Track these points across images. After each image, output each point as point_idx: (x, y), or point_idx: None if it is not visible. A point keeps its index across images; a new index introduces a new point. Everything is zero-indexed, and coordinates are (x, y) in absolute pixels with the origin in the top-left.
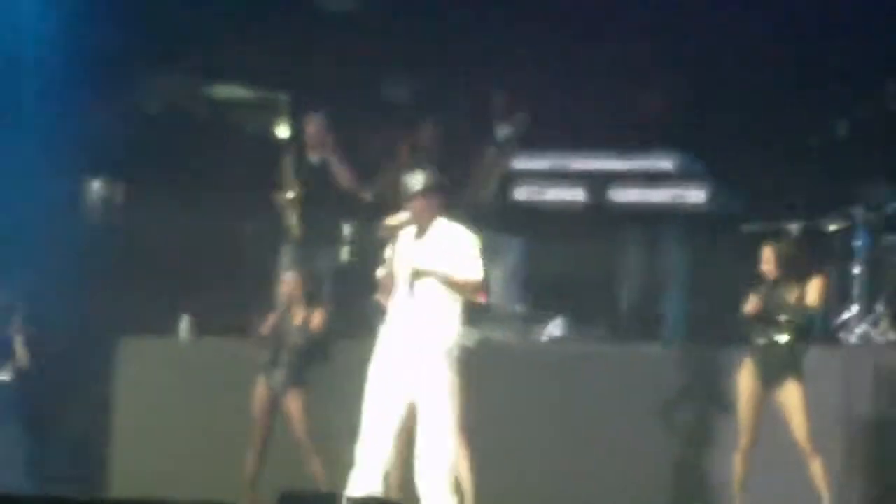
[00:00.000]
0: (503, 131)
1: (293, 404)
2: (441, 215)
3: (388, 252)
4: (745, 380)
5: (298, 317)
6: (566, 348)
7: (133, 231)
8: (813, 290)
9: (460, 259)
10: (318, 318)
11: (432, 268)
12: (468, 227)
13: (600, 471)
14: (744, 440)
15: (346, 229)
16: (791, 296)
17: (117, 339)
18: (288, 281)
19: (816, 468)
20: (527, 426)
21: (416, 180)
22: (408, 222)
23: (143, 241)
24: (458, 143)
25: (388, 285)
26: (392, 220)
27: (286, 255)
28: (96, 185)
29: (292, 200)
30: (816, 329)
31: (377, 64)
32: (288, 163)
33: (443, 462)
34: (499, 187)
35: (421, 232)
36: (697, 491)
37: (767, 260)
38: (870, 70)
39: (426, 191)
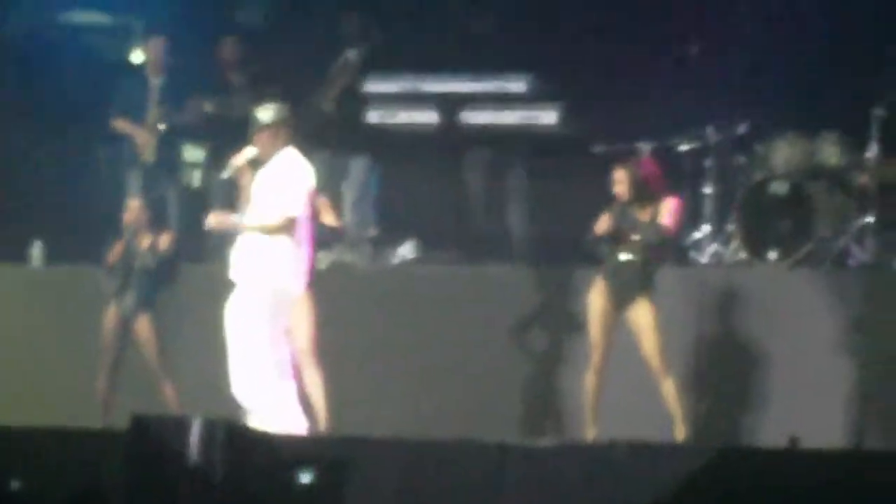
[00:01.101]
0: (351, 52)
1: (143, 328)
2: (288, 146)
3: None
4: (596, 299)
5: (145, 242)
6: (417, 270)
7: None
8: (665, 210)
9: (277, 195)
10: (164, 242)
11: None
12: (316, 150)
13: (453, 393)
14: (595, 359)
15: (193, 152)
16: (643, 215)
17: None
18: (133, 207)
19: (668, 388)
20: (379, 350)
21: (263, 113)
22: (254, 156)
23: None
24: (310, 66)
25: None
26: (238, 156)
27: (133, 180)
28: None
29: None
30: (668, 249)
31: None
32: (135, 86)
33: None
34: (349, 109)
35: (264, 164)
36: (550, 411)
37: (620, 181)
38: None
39: (273, 124)
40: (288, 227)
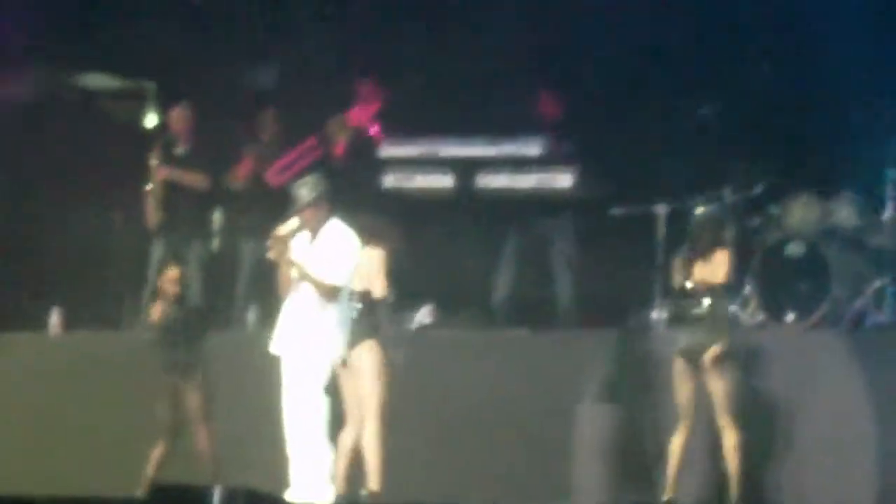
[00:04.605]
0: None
1: (193, 395)
2: (331, 217)
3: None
4: (679, 361)
5: (175, 308)
6: (436, 335)
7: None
8: (720, 266)
9: (328, 264)
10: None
11: (305, 273)
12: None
13: (475, 459)
14: (685, 425)
15: (215, 218)
16: (703, 272)
17: None
18: (172, 273)
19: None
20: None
21: (304, 191)
22: (299, 229)
23: (10, 232)
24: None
25: (286, 287)
26: (282, 228)
27: (159, 245)
28: None
29: (156, 191)
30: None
31: (240, 53)
32: (154, 153)
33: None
34: (367, 174)
35: (313, 236)
36: (569, 477)
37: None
38: (736, 53)
39: (316, 199)
40: (337, 295)
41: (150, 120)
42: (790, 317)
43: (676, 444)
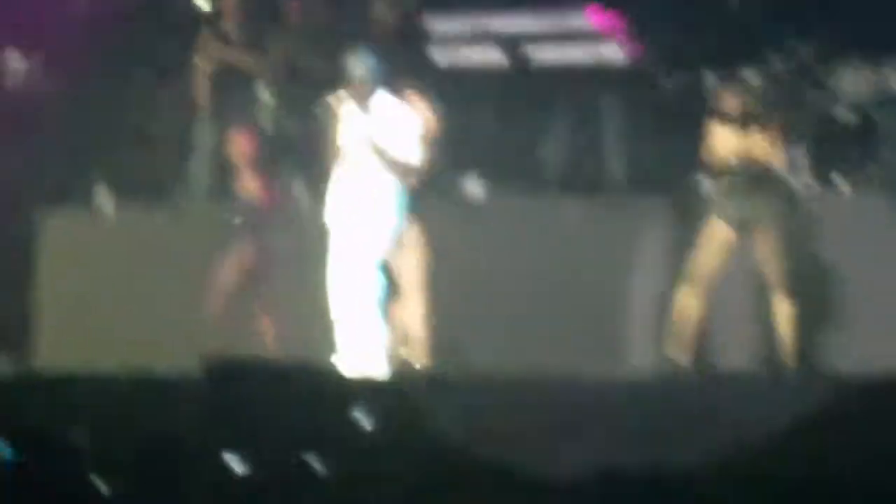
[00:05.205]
0: None
1: (251, 261)
2: (382, 92)
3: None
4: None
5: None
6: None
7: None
8: (771, 138)
9: (403, 140)
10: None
11: (382, 146)
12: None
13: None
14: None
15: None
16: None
17: (32, 213)
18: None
19: (786, 312)
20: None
21: (357, 68)
22: (350, 101)
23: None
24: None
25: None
26: (333, 99)
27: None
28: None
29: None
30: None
31: None
32: (205, 33)
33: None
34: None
35: (364, 108)
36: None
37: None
38: None
39: (367, 76)
40: (411, 173)
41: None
42: (841, 184)
43: (692, 306)
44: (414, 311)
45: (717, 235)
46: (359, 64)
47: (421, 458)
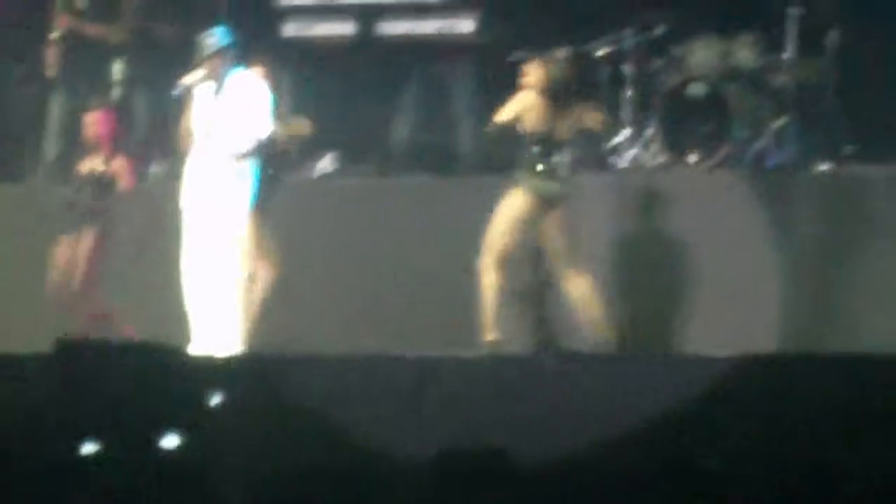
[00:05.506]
0: None
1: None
2: (236, 68)
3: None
4: (518, 201)
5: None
6: (338, 182)
7: None
8: (589, 113)
9: (251, 117)
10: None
11: (233, 122)
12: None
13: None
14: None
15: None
16: (567, 119)
17: None
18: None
19: (580, 289)
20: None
21: (210, 41)
22: (204, 79)
23: None
24: None
25: (187, 141)
26: (187, 78)
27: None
28: None
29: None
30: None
31: None
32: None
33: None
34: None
35: (218, 87)
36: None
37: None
38: None
39: (222, 49)
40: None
41: None
42: (692, 158)
43: (495, 284)
44: (263, 290)
45: (516, 207)
46: (210, 38)
47: (271, 438)
